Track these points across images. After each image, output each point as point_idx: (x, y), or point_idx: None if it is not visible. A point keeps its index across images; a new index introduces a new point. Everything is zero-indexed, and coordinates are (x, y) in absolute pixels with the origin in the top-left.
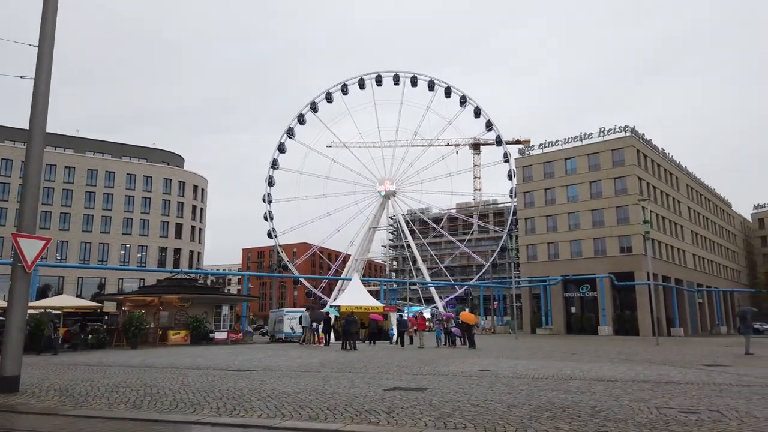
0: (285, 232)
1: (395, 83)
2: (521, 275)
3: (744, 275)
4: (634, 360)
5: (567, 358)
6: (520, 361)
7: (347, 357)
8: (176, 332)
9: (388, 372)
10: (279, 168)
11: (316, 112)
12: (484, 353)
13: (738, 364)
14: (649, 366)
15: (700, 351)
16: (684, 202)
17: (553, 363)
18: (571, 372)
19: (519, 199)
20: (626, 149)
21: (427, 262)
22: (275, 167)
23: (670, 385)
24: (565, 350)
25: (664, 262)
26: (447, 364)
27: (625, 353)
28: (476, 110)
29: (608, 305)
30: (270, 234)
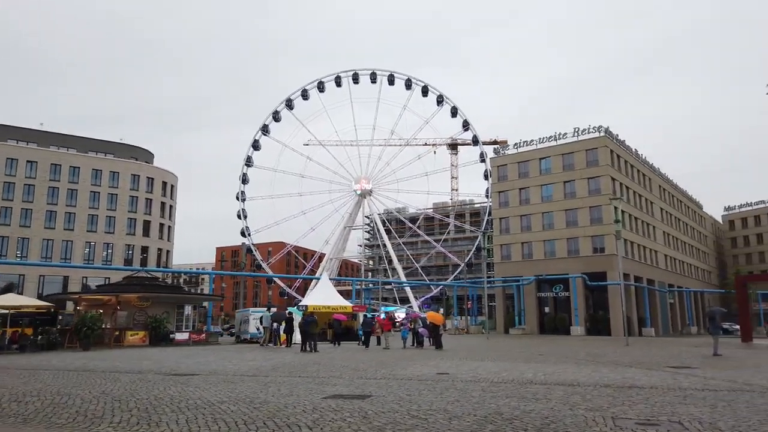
0: (259, 231)
1: (372, 81)
2: (495, 275)
3: (714, 276)
4: (600, 362)
5: (533, 360)
6: (484, 363)
7: (304, 359)
8: (134, 333)
9: (340, 376)
10: (253, 165)
11: (291, 110)
12: (450, 355)
13: (705, 365)
14: (615, 368)
15: (668, 352)
16: (656, 203)
17: (518, 365)
18: (533, 375)
19: (494, 199)
20: (600, 149)
21: (403, 262)
22: (249, 165)
23: (632, 390)
24: (534, 351)
25: (637, 263)
26: (406, 366)
27: (593, 354)
28: (453, 110)
29: (581, 305)
30: (243, 232)
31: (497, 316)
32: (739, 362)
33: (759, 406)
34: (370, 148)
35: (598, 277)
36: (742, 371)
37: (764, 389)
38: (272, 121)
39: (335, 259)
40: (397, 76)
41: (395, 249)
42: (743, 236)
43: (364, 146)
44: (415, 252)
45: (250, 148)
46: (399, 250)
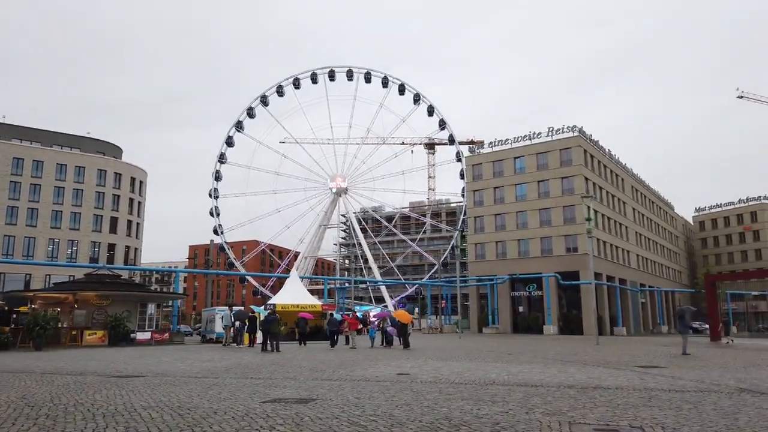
0: (232, 229)
1: (348, 79)
2: (469, 274)
3: (685, 276)
4: (568, 361)
5: (501, 360)
6: (450, 363)
7: (263, 360)
8: (92, 333)
9: (294, 377)
10: (227, 162)
11: (266, 106)
12: (417, 354)
13: (673, 365)
14: (582, 368)
15: (638, 351)
16: (629, 203)
17: (483, 365)
18: (497, 376)
19: (468, 198)
20: (573, 149)
21: (379, 261)
22: (223, 161)
23: (596, 392)
24: (504, 350)
25: (609, 262)
26: (368, 367)
27: (563, 354)
28: (429, 108)
29: (554, 305)
30: (216, 230)
31: (471, 316)
32: (707, 361)
33: (725, 409)
34: (346, 146)
35: (572, 277)
36: (710, 371)
37: (731, 390)
38: (246, 118)
39: (310, 257)
40: (373, 74)
41: (371, 248)
42: (713, 237)
43: (340, 144)
44: (391, 251)
45: (223, 144)
46: (375, 249)
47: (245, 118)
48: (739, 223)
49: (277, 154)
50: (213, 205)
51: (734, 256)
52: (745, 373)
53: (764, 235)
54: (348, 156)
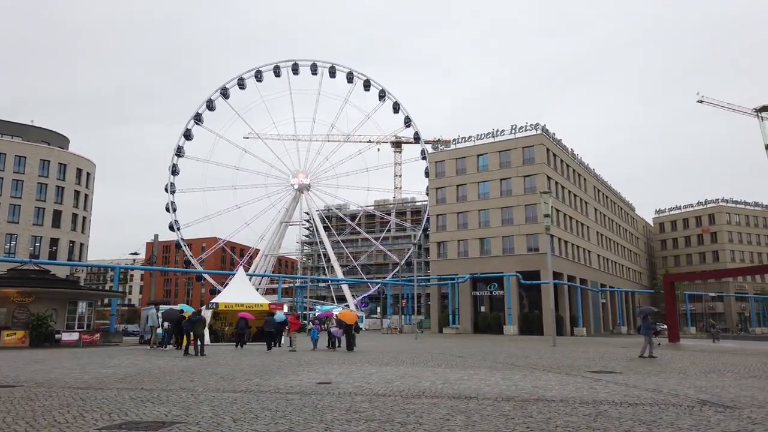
0: (189, 225)
1: (313, 73)
2: (431, 273)
3: (645, 277)
4: (518, 365)
5: (445, 364)
6: (387, 368)
7: (176, 366)
8: (11, 333)
9: (190, 390)
10: (185, 156)
11: (227, 98)
12: (357, 358)
13: (629, 370)
14: (531, 373)
15: (594, 353)
16: (591, 204)
17: (422, 371)
18: (430, 385)
19: (431, 195)
20: (536, 147)
21: (342, 260)
22: (180, 155)
23: (536, 406)
24: (455, 353)
25: (570, 262)
26: (289, 374)
27: (515, 356)
28: (395, 105)
29: (514, 304)
30: (172, 226)
31: (432, 315)
32: (665, 365)
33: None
34: (309, 142)
35: (533, 276)
36: (668, 377)
37: (692, 402)
38: (206, 110)
39: (270, 255)
40: (338, 69)
41: (334, 247)
42: (672, 239)
43: (303, 140)
44: (355, 250)
45: (181, 137)
46: (338, 248)
47: (205, 111)
48: (697, 225)
49: (238, 149)
50: (169, 200)
51: (692, 257)
52: (705, 380)
53: (721, 237)
54: (311, 152)
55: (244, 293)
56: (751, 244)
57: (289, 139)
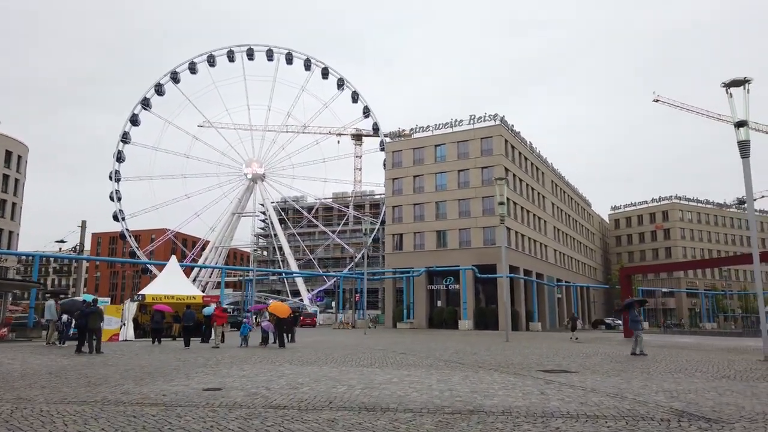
0: (135, 215)
1: (268, 59)
2: (386, 266)
3: (600, 272)
4: (463, 363)
5: (379, 363)
6: (310, 368)
7: (56, 365)
8: None
9: (29, 400)
10: (131, 142)
11: (177, 83)
12: (285, 356)
13: (585, 369)
14: (474, 374)
15: (548, 349)
16: (548, 198)
17: (348, 371)
18: (346, 390)
19: (387, 186)
20: (494, 138)
21: (299, 253)
22: (126, 141)
23: (469, 421)
24: (399, 349)
25: (527, 256)
26: (177, 378)
27: (463, 353)
28: (354, 95)
29: (470, 299)
30: (116, 216)
31: (386, 310)
32: (625, 363)
33: None
34: (264, 131)
35: (490, 270)
36: (629, 377)
37: (666, 413)
38: (154, 95)
39: (222, 247)
40: (295, 55)
41: (291, 239)
42: (627, 235)
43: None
44: (313, 243)
45: (127, 122)
46: (295, 241)
47: (153, 96)
48: (651, 221)
49: (188, 136)
50: (114, 188)
51: (646, 253)
52: (674, 382)
53: (674, 234)
54: (266, 141)
55: (176, 284)
56: (702, 241)
57: (243, 128)
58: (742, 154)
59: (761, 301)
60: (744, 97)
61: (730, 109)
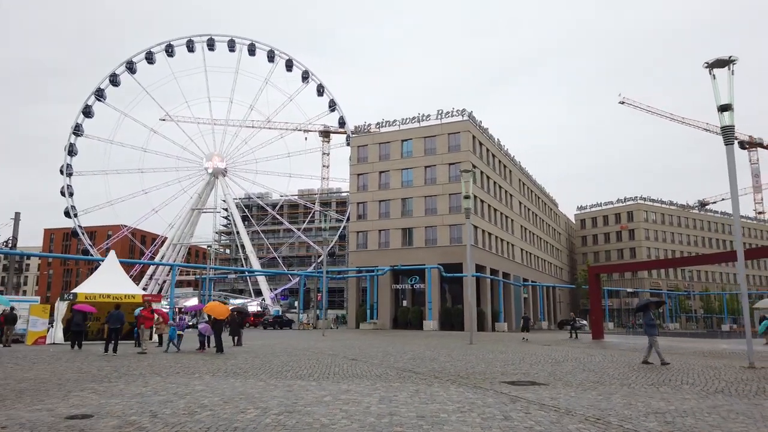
0: (88, 211)
1: (230, 49)
2: (349, 264)
3: (566, 273)
4: (418, 372)
5: (320, 373)
6: (232, 382)
7: None
8: None
9: None
10: (83, 135)
11: (133, 73)
12: (216, 364)
13: (556, 380)
14: (428, 387)
15: (514, 353)
16: (516, 196)
17: (275, 386)
18: (253, 418)
19: (352, 182)
20: (462, 134)
21: (263, 251)
22: (78, 133)
23: None
24: (351, 354)
25: (494, 255)
26: (48, 398)
27: (421, 359)
28: (319, 88)
29: (435, 298)
30: (67, 212)
31: (349, 310)
32: (600, 372)
33: None
34: (225, 125)
35: (456, 269)
36: (608, 390)
37: None
38: (109, 86)
39: (180, 244)
40: (258, 46)
41: (254, 237)
42: (592, 235)
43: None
44: (277, 241)
45: (80, 114)
46: (259, 239)
47: (108, 86)
48: (616, 221)
49: (145, 129)
50: (65, 183)
51: (611, 254)
52: (661, 398)
53: (639, 235)
54: (228, 135)
55: (114, 282)
56: (666, 241)
57: (204, 122)
58: (726, 141)
59: (746, 303)
60: (728, 79)
61: (714, 91)
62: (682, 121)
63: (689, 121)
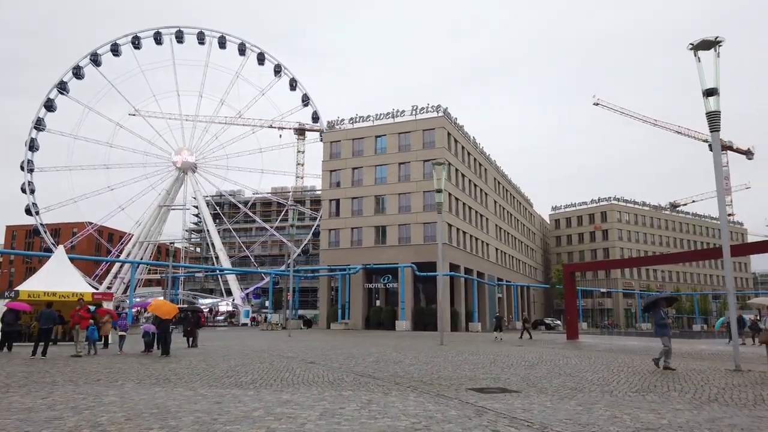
0: (52, 208)
1: (200, 42)
2: (321, 263)
3: (540, 272)
4: (377, 377)
5: (264, 379)
6: (152, 391)
7: None
8: None
9: None
10: (45, 129)
11: (98, 66)
12: (155, 368)
13: (529, 386)
14: (383, 398)
15: (485, 355)
16: (491, 195)
17: (198, 399)
18: None
19: (324, 178)
20: (437, 130)
21: (235, 249)
22: (40, 128)
23: None
24: (311, 356)
25: (468, 254)
26: None
27: (384, 361)
28: (292, 82)
29: (408, 298)
30: (29, 210)
31: (320, 310)
32: (576, 378)
33: None
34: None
35: (430, 268)
36: (589, 399)
37: None
38: (73, 79)
39: (147, 242)
40: (229, 39)
41: (226, 235)
42: (567, 235)
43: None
44: (249, 239)
45: (41, 108)
46: (230, 237)
47: (71, 79)
48: (590, 222)
49: (111, 123)
50: (26, 179)
51: (585, 254)
52: (649, 409)
53: (612, 235)
54: (198, 130)
55: (61, 279)
56: (638, 242)
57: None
58: (712, 127)
59: (732, 302)
60: (714, 61)
61: (699, 75)
62: (654, 123)
63: (661, 124)
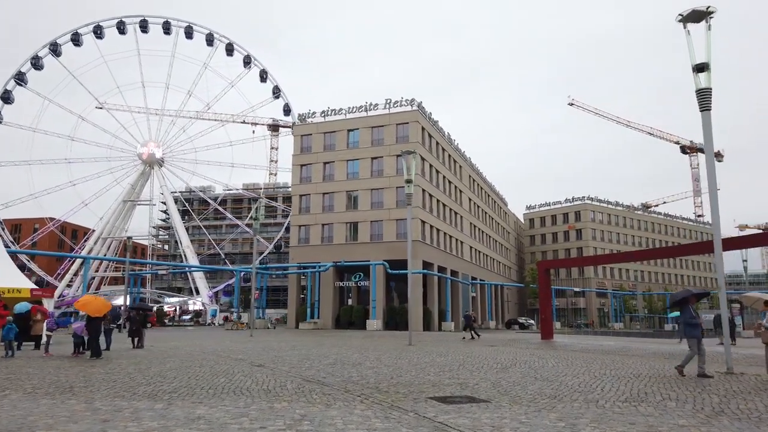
0: (10, 204)
1: (165, 32)
2: (290, 260)
3: (514, 272)
4: (328, 384)
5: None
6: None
7: None
8: None
9: None
10: (2, 122)
11: (58, 56)
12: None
13: (501, 393)
14: (323, 411)
15: (454, 356)
16: (465, 192)
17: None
18: None
19: (294, 173)
20: (411, 124)
21: (204, 246)
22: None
23: None
24: (265, 358)
25: (441, 251)
26: None
27: (342, 363)
28: (262, 73)
29: (380, 296)
30: None
31: (289, 309)
32: (555, 383)
33: None
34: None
35: (403, 266)
36: (572, 414)
37: None
38: (31, 69)
39: (112, 238)
40: (196, 29)
41: (195, 232)
42: (540, 234)
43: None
44: (219, 236)
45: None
46: (200, 234)
47: (30, 70)
48: (564, 221)
49: (73, 116)
50: None
51: (559, 253)
52: (647, 427)
53: (586, 234)
54: (164, 123)
55: None
56: (611, 242)
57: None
58: (702, 106)
59: (723, 301)
60: (705, 34)
61: (688, 49)
62: (627, 124)
63: (634, 125)
